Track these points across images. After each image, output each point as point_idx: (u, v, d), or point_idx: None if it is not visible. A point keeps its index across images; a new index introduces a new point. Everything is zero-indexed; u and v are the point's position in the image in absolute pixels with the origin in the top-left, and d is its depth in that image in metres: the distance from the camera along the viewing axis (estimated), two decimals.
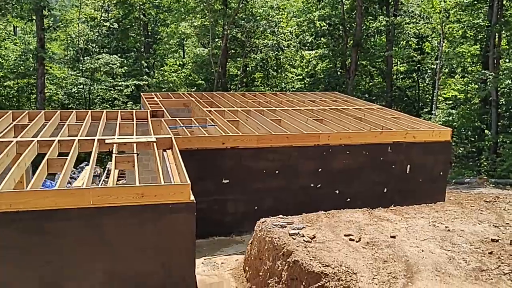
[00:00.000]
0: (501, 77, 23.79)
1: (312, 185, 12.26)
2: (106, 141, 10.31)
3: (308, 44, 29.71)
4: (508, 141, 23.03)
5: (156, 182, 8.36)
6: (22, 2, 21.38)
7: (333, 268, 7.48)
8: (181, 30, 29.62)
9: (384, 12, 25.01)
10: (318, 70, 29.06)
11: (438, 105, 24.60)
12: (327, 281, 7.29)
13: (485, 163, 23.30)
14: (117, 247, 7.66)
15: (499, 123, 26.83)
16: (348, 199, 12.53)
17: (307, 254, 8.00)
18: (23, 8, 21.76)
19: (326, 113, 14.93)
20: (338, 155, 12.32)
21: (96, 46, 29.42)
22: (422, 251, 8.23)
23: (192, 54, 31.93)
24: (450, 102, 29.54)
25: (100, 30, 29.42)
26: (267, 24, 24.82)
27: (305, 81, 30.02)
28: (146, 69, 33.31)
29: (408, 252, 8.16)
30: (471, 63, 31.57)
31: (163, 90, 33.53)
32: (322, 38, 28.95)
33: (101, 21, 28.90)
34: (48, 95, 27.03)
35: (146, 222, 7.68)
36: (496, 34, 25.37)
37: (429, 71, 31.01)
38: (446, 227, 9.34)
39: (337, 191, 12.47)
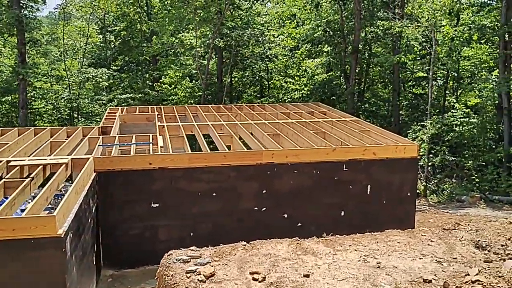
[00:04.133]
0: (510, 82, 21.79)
1: (256, 208, 11.04)
2: (12, 162, 9.45)
3: (306, 52, 28.34)
4: None
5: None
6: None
7: None
8: (176, 41, 28.76)
9: (387, 16, 23.38)
10: (317, 79, 27.66)
11: (433, 115, 22.60)
12: None
13: (489, 178, 21.29)
14: None
15: None
16: (299, 224, 11.26)
17: None
18: (1, 22, 21.42)
19: (288, 127, 13.68)
20: (285, 174, 11.07)
21: (90, 59, 28.94)
22: None
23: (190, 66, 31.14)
24: (467, 110, 27.48)
25: (94, 44, 29.04)
26: (253, 33, 23.64)
27: (303, 91, 28.65)
28: (148, 82, 32.76)
29: None
30: (486, 68, 29.51)
31: (164, 103, 32.90)
32: (319, 46, 27.54)
33: (91, 35, 28.46)
34: (42, 111, 26.79)
35: (3, 259, 6.70)
36: (506, 35, 23.34)
37: (438, 78, 29.10)
38: (378, 262, 7.97)
39: (285, 215, 11.19)
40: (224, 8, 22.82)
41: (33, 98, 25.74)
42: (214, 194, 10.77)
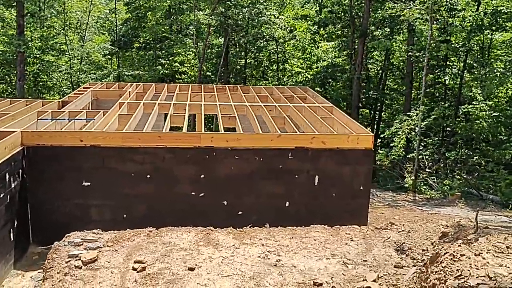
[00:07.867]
0: None
1: (193, 193, 10.55)
2: None
3: (311, 36, 27.24)
4: None
5: None
6: None
7: None
8: (190, 20, 28.18)
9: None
10: (321, 64, 26.60)
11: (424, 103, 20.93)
12: None
13: (488, 176, 19.92)
14: None
15: None
16: (240, 212, 10.71)
17: (54, 285, 6.47)
18: None
19: (252, 111, 13.06)
20: (225, 160, 10.50)
21: (111, 36, 28.68)
22: None
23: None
24: (490, 102, 25.78)
25: (107, 19, 28.97)
26: (251, 12, 22.73)
27: (307, 75, 27.63)
28: (162, 60, 32.54)
29: None
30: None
31: (178, 80, 32.62)
32: (327, 28, 26.37)
33: (99, 10, 28.32)
34: (50, 84, 27.05)
35: None
36: None
37: (453, 66, 27.51)
38: (278, 260, 7.39)
39: (225, 202, 10.67)
40: None
41: (38, 71, 25.98)
42: (148, 176, 10.35)
